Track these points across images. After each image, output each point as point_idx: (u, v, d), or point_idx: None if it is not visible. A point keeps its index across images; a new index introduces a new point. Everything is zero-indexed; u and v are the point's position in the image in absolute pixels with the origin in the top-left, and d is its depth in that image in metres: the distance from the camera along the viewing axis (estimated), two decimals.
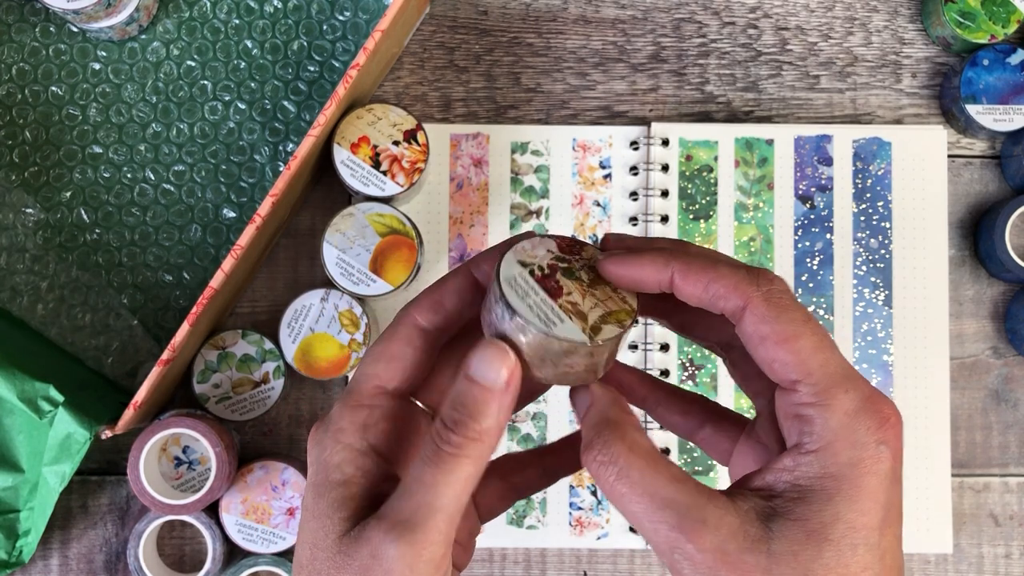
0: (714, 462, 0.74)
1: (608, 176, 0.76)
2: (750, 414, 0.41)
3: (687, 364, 0.74)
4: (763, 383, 0.38)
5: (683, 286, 0.36)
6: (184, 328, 0.64)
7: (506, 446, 0.74)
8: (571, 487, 0.74)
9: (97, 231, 0.74)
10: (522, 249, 0.41)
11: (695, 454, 0.74)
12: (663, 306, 0.40)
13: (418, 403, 0.39)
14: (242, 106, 0.75)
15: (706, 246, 0.55)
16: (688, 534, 0.33)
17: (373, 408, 0.37)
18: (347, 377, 0.74)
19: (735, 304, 0.35)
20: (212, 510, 0.71)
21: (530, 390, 0.40)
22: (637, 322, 0.39)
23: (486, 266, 0.38)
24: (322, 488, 0.36)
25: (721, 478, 0.74)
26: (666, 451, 0.74)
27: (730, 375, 0.41)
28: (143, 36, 0.75)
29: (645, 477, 0.34)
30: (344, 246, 0.68)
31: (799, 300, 0.39)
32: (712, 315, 0.37)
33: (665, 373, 0.74)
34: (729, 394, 0.74)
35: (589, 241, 0.40)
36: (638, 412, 0.41)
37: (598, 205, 0.76)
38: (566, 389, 0.39)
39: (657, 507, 0.34)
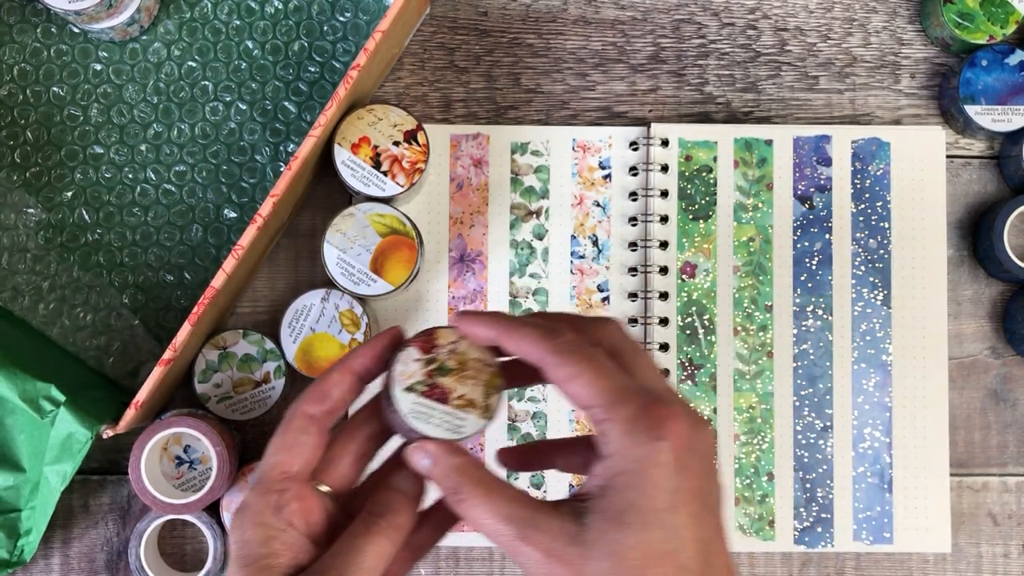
0: (714, 460, 0.74)
1: (608, 176, 0.76)
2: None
3: (686, 364, 0.75)
4: None
5: (505, 345, 0.46)
6: (185, 328, 0.64)
7: (507, 445, 0.74)
8: (571, 486, 0.74)
9: (98, 231, 0.74)
10: (400, 376, 0.51)
11: None
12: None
13: (319, 487, 0.46)
14: (243, 107, 0.75)
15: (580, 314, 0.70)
16: (525, 539, 0.43)
17: (283, 492, 0.44)
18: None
19: (535, 360, 0.45)
20: (213, 509, 0.72)
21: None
22: (504, 379, 0.52)
23: (361, 361, 0.47)
24: (249, 561, 0.43)
25: (722, 478, 0.74)
26: None
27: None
28: (144, 37, 0.75)
29: (488, 502, 0.44)
30: (345, 246, 0.68)
31: (631, 337, 0.49)
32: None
33: (665, 373, 0.74)
34: (728, 393, 0.74)
35: (439, 326, 0.54)
36: None
37: (598, 205, 0.76)
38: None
39: (502, 522, 0.44)
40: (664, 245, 0.75)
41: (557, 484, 0.74)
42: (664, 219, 0.75)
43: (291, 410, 0.46)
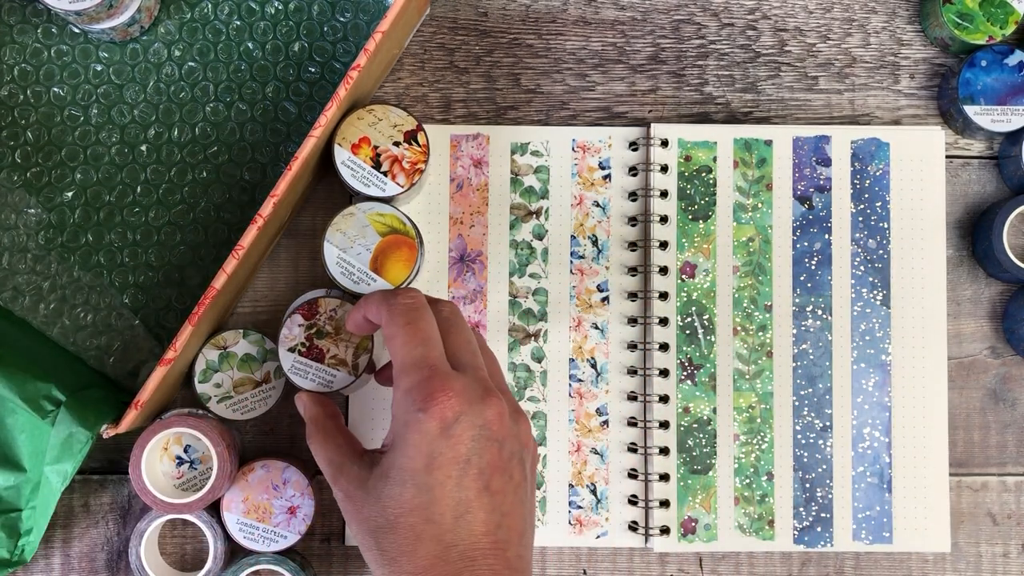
0: (713, 460, 0.74)
1: (607, 177, 0.76)
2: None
3: (686, 364, 0.75)
4: None
5: (369, 316, 0.60)
6: (186, 328, 0.64)
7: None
8: (570, 486, 0.74)
9: (99, 231, 0.74)
10: (285, 339, 0.66)
11: (694, 453, 0.74)
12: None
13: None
14: (243, 107, 0.75)
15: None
16: (335, 481, 0.57)
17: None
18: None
19: (376, 318, 0.57)
20: (214, 509, 0.72)
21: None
22: (372, 342, 0.66)
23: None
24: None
25: (721, 478, 0.74)
26: (665, 450, 0.74)
27: None
28: (145, 37, 0.75)
29: (323, 446, 0.59)
30: (345, 245, 0.68)
31: (458, 307, 0.63)
32: None
33: (665, 373, 0.74)
34: (728, 393, 0.75)
35: (319, 293, 0.68)
36: None
37: (597, 206, 0.76)
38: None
39: (325, 463, 0.58)
40: (664, 245, 0.75)
41: (557, 483, 0.74)
42: (664, 219, 0.75)
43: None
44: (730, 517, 0.74)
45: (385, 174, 0.69)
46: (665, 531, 0.74)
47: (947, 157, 0.77)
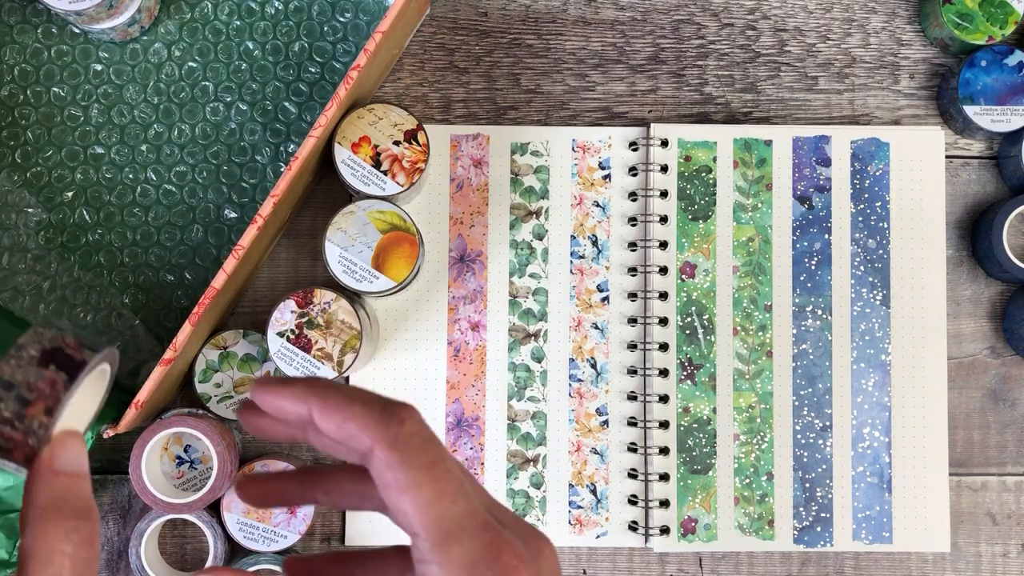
0: (713, 460, 0.74)
1: (607, 177, 0.76)
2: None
3: (686, 364, 0.75)
4: None
5: (321, 420, 0.35)
6: (186, 328, 0.64)
7: (506, 444, 0.74)
8: (570, 486, 0.74)
9: (99, 231, 0.74)
10: (276, 322, 0.63)
11: (694, 453, 0.74)
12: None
13: None
14: (243, 107, 0.75)
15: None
16: None
17: None
18: (347, 378, 0.74)
19: (364, 446, 0.34)
20: (214, 509, 0.72)
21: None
22: (360, 342, 0.61)
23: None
24: None
25: (721, 477, 0.74)
26: (665, 450, 0.74)
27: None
28: (145, 37, 0.75)
29: None
30: (346, 244, 0.68)
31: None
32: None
33: (664, 373, 0.74)
34: (728, 393, 0.75)
35: (319, 287, 0.63)
36: None
37: (597, 205, 0.76)
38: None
39: None
40: (664, 245, 0.75)
41: (557, 483, 0.74)
42: (664, 219, 0.75)
43: None
44: (730, 517, 0.74)
45: (385, 173, 0.69)
46: (665, 531, 0.74)
47: (947, 157, 0.77)
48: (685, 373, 0.75)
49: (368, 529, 0.74)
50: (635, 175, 0.76)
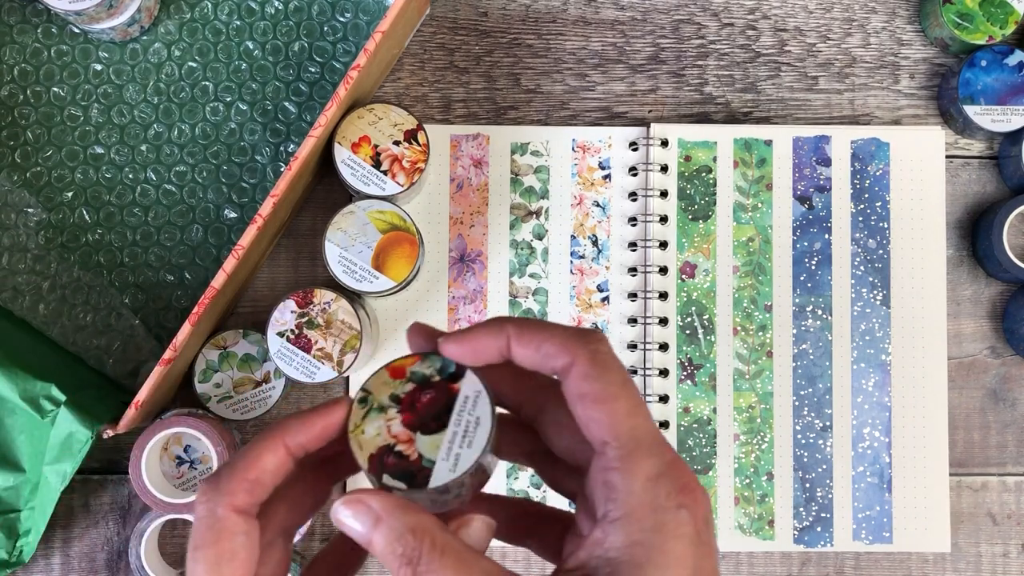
0: (713, 460, 0.74)
1: (607, 177, 0.76)
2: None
3: (686, 364, 0.75)
4: (573, 478, 0.39)
5: (518, 348, 0.36)
6: (186, 328, 0.64)
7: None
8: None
9: (99, 231, 0.74)
10: (276, 322, 0.63)
11: (694, 453, 0.74)
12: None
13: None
14: (243, 107, 0.75)
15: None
16: None
17: None
18: (348, 378, 0.74)
19: (563, 362, 0.36)
20: None
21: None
22: (360, 342, 0.60)
23: (297, 438, 0.36)
24: None
25: (721, 478, 0.74)
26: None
27: (545, 482, 0.42)
28: (145, 37, 0.75)
29: None
30: (346, 244, 0.68)
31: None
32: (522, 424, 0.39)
33: (664, 373, 0.74)
34: (728, 393, 0.74)
35: (319, 288, 0.61)
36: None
37: (597, 205, 0.76)
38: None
39: None
40: (664, 245, 0.75)
41: None
42: (664, 219, 0.75)
43: (206, 507, 0.34)
44: (730, 517, 0.74)
45: (385, 173, 0.69)
46: None
47: (947, 157, 0.77)
48: (685, 373, 0.75)
49: None
50: (635, 175, 0.76)
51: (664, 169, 0.75)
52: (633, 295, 0.75)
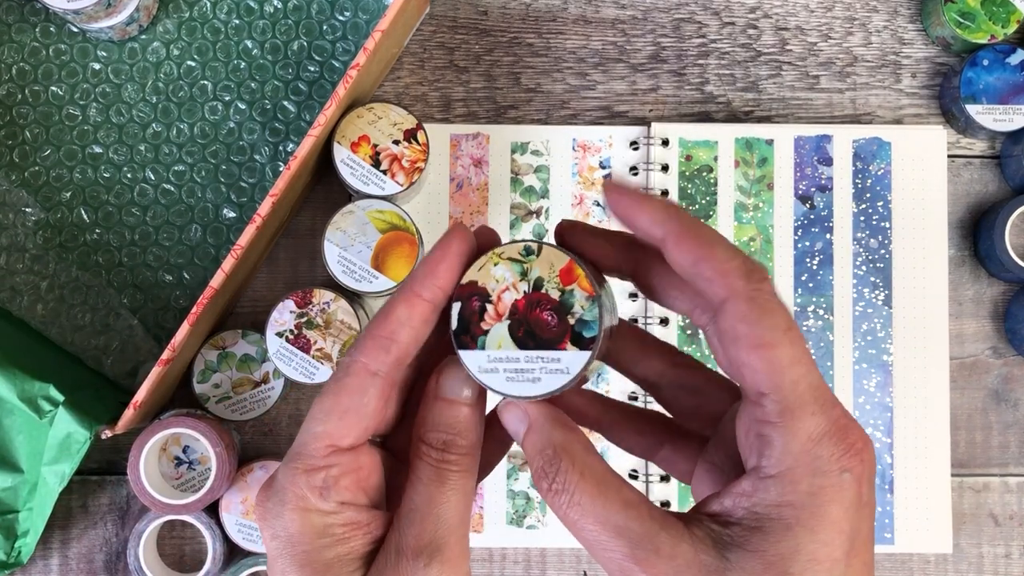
0: None
1: (608, 176, 0.76)
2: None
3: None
4: (707, 405, 0.38)
5: (674, 250, 0.33)
6: (184, 328, 0.64)
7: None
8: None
9: (97, 231, 0.74)
10: (275, 322, 0.59)
11: None
12: (632, 263, 0.38)
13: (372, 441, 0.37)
14: (242, 106, 0.75)
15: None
16: (641, 564, 0.32)
17: (329, 468, 0.34)
18: None
19: (718, 293, 0.33)
20: (212, 510, 0.71)
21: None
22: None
23: (434, 283, 0.34)
24: (308, 559, 0.34)
25: None
26: None
27: (665, 409, 0.40)
28: (143, 36, 0.75)
29: (596, 504, 0.33)
30: (345, 244, 0.68)
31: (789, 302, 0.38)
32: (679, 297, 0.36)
33: None
34: None
35: (317, 288, 0.60)
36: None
37: (598, 205, 0.76)
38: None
39: (609, 535, 0.32)
40: None
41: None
42: None
43: (345, 360, 0.35)
44: None
45: (384, 172, 0.69)
46: None
47: (949, 156, 0.77)
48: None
49: None
50: (636, 174, 0.75)
51: (665, 168, 0.75)
52: (634, 295, 0.75)
